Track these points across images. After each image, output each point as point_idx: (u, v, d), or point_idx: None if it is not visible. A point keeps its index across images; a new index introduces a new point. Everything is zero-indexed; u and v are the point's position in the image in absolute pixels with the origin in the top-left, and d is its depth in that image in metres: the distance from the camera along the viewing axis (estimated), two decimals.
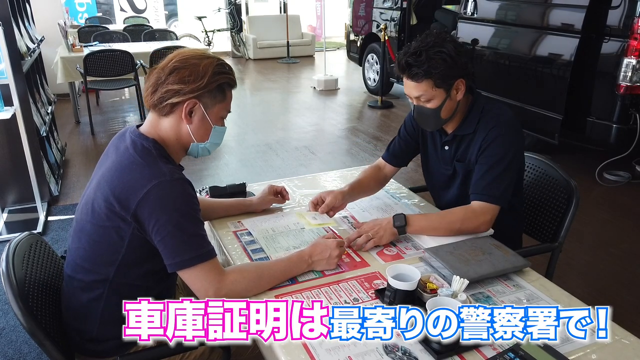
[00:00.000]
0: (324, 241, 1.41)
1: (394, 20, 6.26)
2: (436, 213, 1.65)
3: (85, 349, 1.32)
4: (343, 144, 5.09)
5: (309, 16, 11.85)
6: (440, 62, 1.49)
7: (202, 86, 1.24)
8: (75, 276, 1.29)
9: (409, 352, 1.08)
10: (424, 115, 1.62)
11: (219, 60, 1.29)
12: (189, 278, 1.23)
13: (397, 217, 1.52)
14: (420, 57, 1.50)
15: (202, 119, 1.29)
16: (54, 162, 4.03)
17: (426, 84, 1.53)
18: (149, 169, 1.20)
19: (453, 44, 1.52)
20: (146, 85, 1.29)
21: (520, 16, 4.31)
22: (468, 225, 1.54)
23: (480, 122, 1.62)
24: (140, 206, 1.16)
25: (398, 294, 1.19)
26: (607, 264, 2.90)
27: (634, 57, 3.45)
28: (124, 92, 7.12)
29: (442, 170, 1.78)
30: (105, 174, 1.25)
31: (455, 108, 1.61)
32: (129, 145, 1.25)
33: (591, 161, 4.20)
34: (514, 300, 1.26)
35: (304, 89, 7.61)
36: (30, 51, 3.86)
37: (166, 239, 1.18)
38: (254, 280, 1.29)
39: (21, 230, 2.01)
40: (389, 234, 1.51)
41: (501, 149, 1.56)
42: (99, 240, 1.23)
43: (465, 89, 1.58)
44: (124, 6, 9.87)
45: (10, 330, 2.34)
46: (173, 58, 1.26)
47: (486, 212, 1.54)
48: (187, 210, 1.20)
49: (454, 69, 1.51)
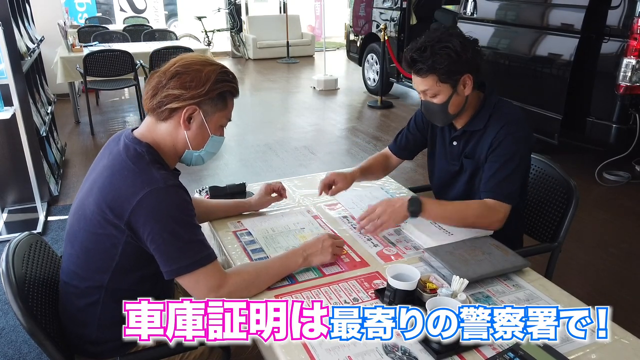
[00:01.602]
0: (315, 236, 1.45)
1: (393, 20, 6.26)
2: (452, 203, 1.62)
3: (85, 350, 1.31)
4: (343, 144, 5.09)
5: (308, 16, 11.86)
6: (445, 57, 1.49)
7: (204, 93, 1.22)
8: (70, 282, 1.28)
9: (408, 352, 1.08)
10: (431, 110, 1.63)
11: (223, 68, 1.26)
12: (187, 284, 1.22)
13: (413, 201, 1.51)
14: (424, 53, 1.50)
15: (201, 126, 1.27)
16: (54, 162, 4.03)
17: (431, 79, 1.53)
18: (141, 176, 1.18)
19: (459, 40, 1.52)
20: (146, 88, 1.27)
21: (520, 16, 4.31)
22: (482, 221, 1.54)
23: (491, 119, 1.62)
24: (134, 214, 1.15)
25: (398, 294, 1.19)
26: (606, 263, 2.90)
27: (633, 57, 3.45)
28: (123, 92, 7.12)
29: (449, 166, 1.78)
30: (97, 179, 1.23)
31: (463, 103, 1.61)
32: (122, 150, 1.23)
33: (591, 161, 4.20)
34: (514, 300, 1.27)
35: (304, 89, 7.61)
36: (30, 51, 3.86)
37: (162, 247, 1.16)
38: (253, 280, 1.28)
39: (21, 230, 2.01)
40: (401, 217, 1.52)
41: (513, 147, 1.57)
42: (92, 247, 1.22)
43: (472, 84, 1.58)
44: (124, 6, 9.87)
45: (10, 330, 2.34)
46: (176, 62, 1.24)
47: (499, 211, 1.55)
48: (182, 217, 1.18)
49: (459, 64, 1.51)
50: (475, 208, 1.56)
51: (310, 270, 1.39)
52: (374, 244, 1.54)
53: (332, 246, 1.40)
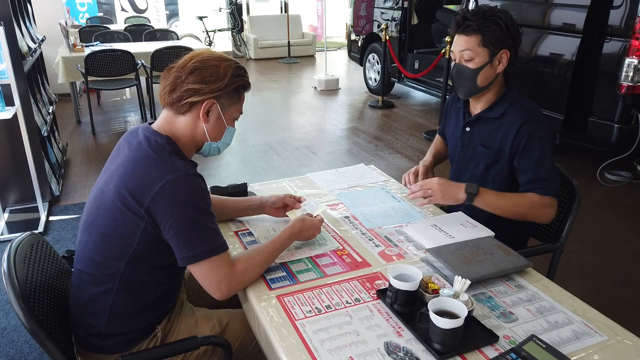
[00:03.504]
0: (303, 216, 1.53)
1: (395, 20, 6.26)
2: (508, 194, 1.65)
3: (90, 344, 1.32)
4: (344, 143, 5.09)
5: (309, 16, 11.85)
6: (494, 24, 1.57)
7: (222, 87, 1.28)
8: (85, 269, 1.29)
9: (410, 353, 1.08)
10: (461, 75, 1.66)
11: (237, 63, 1.33)
12: (200, 273, 1.24)
13: (471, 185, 1.57)
14: (477, 15, 1.59)
15: (218, 119, 1.33)
16: (55, 162, 4.03)
17: (475, 39, 1.60)
18: (164, 164, 1.21)
19: (511, 17, 1.60)
20: (163, 83, 1.31)
21: (522, 16, 4.30)
22: (535, 213, 1.61)
23: (508, 109, 1.66)
24: (155, 201, 1.18)
25: (400, 295, 1.18)
26: (608, 264, 2.90)
27: (635, 57, 3.44)
28: (125, 92, 7.12)
29: (462, 152, 1.83)
30: (118, 168, 1.25)
31: (492, 80, 1.65)
32: (143, 141, 1.27)
33: (592, 161, 4.20)
34: (516, 301, 1.26)
35: (305, 88, 7.61)
36: (31, 51, 3.87)
37: (180, 233, 1.19)
38: (262, 264, 1.35)
39: (22, 230, 2.02)
40: (454, 197, 1.57)
41: (542, 142, 1.61)
42: (110, 233, 1.24)
43: (507, 63, 1.63)
44: (125, 6, 9.87)
45: (12, 330, 2.34)
46: (192, 58, 1.28)
47: (552, 205, 1.62)
48: (201, 205, 1.22)
49: (505, 36, 1.59)
50: (529, 201, 1.61)
51: (311, 270, 1.39)
52: (375, 244, 1.54)
53: (319, 230, 1.51)
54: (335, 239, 1.56)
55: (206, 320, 1.45)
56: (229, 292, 1.27)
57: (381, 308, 1.23)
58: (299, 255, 1.46)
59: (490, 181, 1.75)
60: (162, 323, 1.38)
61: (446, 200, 1.59)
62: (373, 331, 1.14)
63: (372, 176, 2.07)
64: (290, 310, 1.22)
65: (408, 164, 4.46)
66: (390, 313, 1.20)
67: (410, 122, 5.77)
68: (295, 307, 1.23)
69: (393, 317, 1.19)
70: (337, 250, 1.50)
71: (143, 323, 1.33)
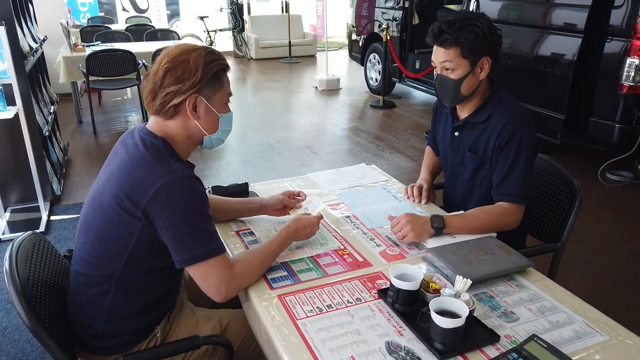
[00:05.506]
0: (301, 215, 1.53)
1: (396, 20, 6.26)
2: (471, 213, 1.60)
3: (89, 346, 1.32)
4: (345, 143, 5.09)
5: (310, 16, 11.86)
6: (472, 34, 1.54)
7: (199, 80, 1.24)
8: (82, 271, 1.29)
9: (412, 352, 1.08)
10: (444, 85, 1.65)
11: (207, 49, 1.28)
12: (199, 275, 1.24)
13: (435, 219, 1.53)
14: (453, 26, 1.55)
15: (207, 111, 1.30)
16: (56, 161, 4.03)
17: (453, 51, 1.56)
18: (160, 166, 1.21)
19: (488, 22, 1.57)
20: (144, 93, 1.29)
21: (523, 16, 4.30)
22: (502, 224, 1.59)
23: (493, 113, 1.64)
24: (151, 203, 1.17)
25: (401, 294, 1.18)
26: (609, 264, 2.90)
27: (636, 57, 3.44)
28: (126, 92, 7.12)
29: (453, 157, 1.81)
30: (114, 170, 1.25)
31: (475, 87, 1.63)
32: (139, 143, 1.26)
33: (593, 161, 4.19)
34: (517, 301, 1.26)
35: (306, 88, 7.60)
36: (32, 51, 3.87)
37: (177, 235, 1.19)
38: (260, 266, 1.34)
39: (24, 229, 2.02)
40: (427, 234, 1.52)
41: (518, 146, 1.59)
42: (107, 235, 1.24)
43: (489, 69, 1.61)
44: (126, 6, 9.87)
45: (13, 330, 2.34)
46: (162, 60, 1.26)
47: (517, 212, 1.61)
48: (197, 207, 1.21)
49: (484, 44, 1.56)
50: (494, 215, 1.59)
51: (313, 269, 1.39)
52: (376, 243, 1.54)
53: (316, 226, 1.50)
54: (336, 239, 1.56)
55: (206, 321, 1.45)
56: (228, 294, 1.26)
57: (382, 308, 1.23)
58: (300, 255, 1.46)
59: (478, 185, 1.75)
60: (161, 324, 1.38)
61: (422, 237, 1.51)
62: (374, 331, 1.14)
63: (373, 176, 2.07)
64: (292, 310, 1.22)
65: (409, 163, 4.46)
66: (391, 313, 1.20)
67: (411, 122, 5.77)
68: (296, 306, 1.23)
69: (394, 316, 1.19)
70: (338, 250, 1.50)
71: (141, 324, 1.33)
